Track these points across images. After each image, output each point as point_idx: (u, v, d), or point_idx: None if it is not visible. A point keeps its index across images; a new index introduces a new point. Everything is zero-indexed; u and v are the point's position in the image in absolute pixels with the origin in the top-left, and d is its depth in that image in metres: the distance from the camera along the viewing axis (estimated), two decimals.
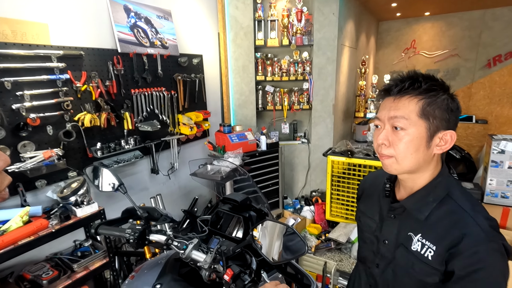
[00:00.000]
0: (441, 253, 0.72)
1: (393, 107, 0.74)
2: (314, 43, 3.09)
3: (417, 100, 0.72)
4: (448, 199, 0.76)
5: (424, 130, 0.72)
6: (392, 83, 0.76)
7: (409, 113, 0.72)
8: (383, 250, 0.85)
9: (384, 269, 0.85)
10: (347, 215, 3.00)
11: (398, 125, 0.73)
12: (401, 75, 0.77)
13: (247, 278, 0.73)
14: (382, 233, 0.85)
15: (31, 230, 1.49)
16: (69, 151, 1.83)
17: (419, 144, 0.73)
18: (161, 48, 2.34)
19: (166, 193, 2.61)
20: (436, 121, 0.72)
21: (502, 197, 2.22)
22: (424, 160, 0.75)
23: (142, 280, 0.92)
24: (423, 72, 0.76)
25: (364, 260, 0.93)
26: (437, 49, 4.90)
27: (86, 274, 1.69)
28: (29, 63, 1.59)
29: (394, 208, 0.83)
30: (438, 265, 0.72)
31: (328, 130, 3.30)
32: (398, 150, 0.74)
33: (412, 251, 0.77)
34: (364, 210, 0.95)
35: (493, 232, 0.70)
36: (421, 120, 0.72)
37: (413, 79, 0.73)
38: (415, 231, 0.78)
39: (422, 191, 0.78)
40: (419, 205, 0.77)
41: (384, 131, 0.76)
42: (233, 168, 1.96)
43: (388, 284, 0.84)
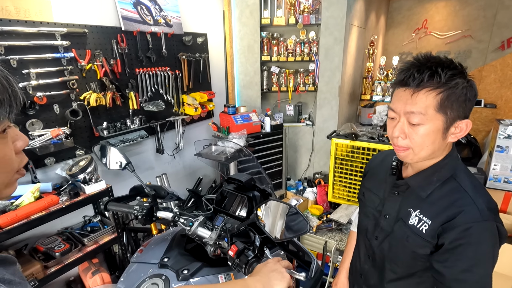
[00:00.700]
0: (435, 227, 0.75)
1: (410, 101, 0.71)
2: (322, 22, 3.00)
3: (435, 94, 0.69)
4: (452, 180, 0.77)
5: (441, 124, 0.71)
6: (408, 74, 0.72)
7: (427, 108, 0.70)
8: (383, 224, 0.88)
9: (382, 241, 0.89)
10: (349, 197, 3.05)
11: (414, 121, 0.71)
12: (417, 63, 0.72)
13: (251, 254, 0.77)
14: (384, 208, 0.89)
15: (42, 206, 1.55)
16: (76, 130, 1.86)
17: (435, 136, 0.72)
18: (165, 26, 2.29)
19: (171, 173, 2.66)
20: (453, 113, 0.70)
21: (505, 182, 2.23)
22: (439, 148, 0.76)
23: (151, 253, 0.97)
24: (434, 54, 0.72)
25: (365, 232, 0.97)
26: (449, 30, 4.72)
27: (96, 247, 1.77)
28: (33, 41, 1.58)
29: (399, 185, 0.85)
30: (430, 238, 0.75)
31: (333, 112, 3.27)
32: (415, 143, 0.73)
33: (409, 225, 0.80)
34: (370, 187, 0.97)
35: (489, 213, 0.71)
36: (438, 114, 0.70)
37: (432, 70, 0.69)
38: (414, 207, 0.80)
39: (428, 171, 0.79)
40: (423, 184, 0.79)
41: (399, 124, 0.74)
42: (237, 148, 1.97)
43: (384, 254, 0.88)
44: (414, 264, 0.81)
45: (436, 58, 0.72)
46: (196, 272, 0.85)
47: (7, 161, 0.44)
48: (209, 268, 0.88)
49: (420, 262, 0.80)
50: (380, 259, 0.90)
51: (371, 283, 0.96)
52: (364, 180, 1.04)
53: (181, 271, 0.85)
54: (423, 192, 0.79)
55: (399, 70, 0.76)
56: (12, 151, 0.45)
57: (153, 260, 0.93)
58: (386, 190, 0.90)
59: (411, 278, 0.84)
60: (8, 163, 0.45)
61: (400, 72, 0.75)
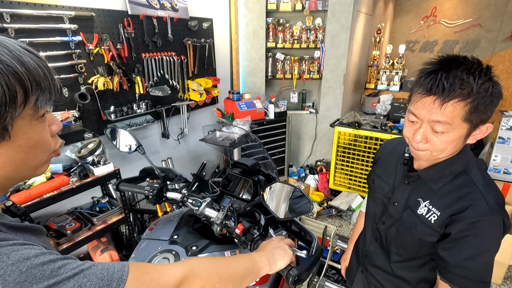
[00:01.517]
0: (443, 218, 0.78)
1: (436, 110, 0.68)
2: (329, 8, 2.96)
3: (464, 105, 0.66)
4: (464, 174, 0.78)
5: (466, 131, 0.70)
6: (436, 82, 0.66)
7: (454, 118, 0.67)
8: (392, 211, 0.92)
9: (389, 226, 0.93)
10: (350, 185, 3.10)
11: (439, 130, 0.69)
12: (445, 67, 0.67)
13: (256, 232, 0.82)
14: (393, 196, 0.92)
15: (54, 186, 1.61)
16: (84, 113, 1.90)
17: (457, 142, 0.72)
18: (171, 11, 2.29)
19: (176, 157, 2.71)
20: (478, 119, 0.69)
21: (504, 173, 2.26)
22: (458, 149, 0.77)
23: (160, 231, 1.03)
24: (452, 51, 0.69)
25: (373, 217, 1.01)
26: (459, 18, 4.62)
27: (104, 227, 1.84)
28: (42, 24, 1.59)
29: (410, 176, 0.87)
30: (438, 228, 0.79)
31: (337, 101, 3.28)
32: (436, 147, 0.73)
33: (418, 214, 0.83)
34: (380, 174, 1.00)
35: (498, 207, 0.73)
36: (463, 123, 0.69)
37: (463, 79, 0.65)
38: (424, 197, 0.83)
39: (441, 165, 0.80)
40: (436, 177, 0.81)
41: (422, 131, 0.72)
42: (243, 134, 2.01)
43: (391, 239, 0.92)
44: (420, 249, 0.86)
45: (466, 62, 0.67)
46: (204, 249, 0.91)
47: (45, 142, 0.49)
48: (215, 245, 0.93)
49: (426, 248, 0.84)
50: (386, 242, 0.95)
51: (377, 263, 1.01)
52: (375, 167, 1.06)
53: (190, 247, 0.91)
54: (435, 185, 0.81)
55: (423, 72, 0.71)
56: (49, 134, 0.50)
57: (163, 237, 0.98)
58: (396, 179, 0.92)
59: (415, 261, 0.89)
60: (46, 144, 0.50)
61: (426, 76, 0.69)
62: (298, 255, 0.76)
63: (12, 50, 0.42)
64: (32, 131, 0.46)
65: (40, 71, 0.45)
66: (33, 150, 0.47)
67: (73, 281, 0.40)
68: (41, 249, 0.42)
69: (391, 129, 2.74)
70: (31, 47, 0.47)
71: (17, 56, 0.42)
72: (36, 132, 0.47)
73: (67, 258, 0.43)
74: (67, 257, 0.43)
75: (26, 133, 0.45)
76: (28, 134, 0.46)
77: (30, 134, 0.46)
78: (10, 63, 0.41)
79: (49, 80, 0.47)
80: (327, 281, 1.84)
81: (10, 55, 0.42)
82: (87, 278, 0.41)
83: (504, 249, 1.96)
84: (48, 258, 0.41)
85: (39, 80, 0.45)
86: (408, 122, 0.77)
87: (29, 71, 0.43)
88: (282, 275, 0.73)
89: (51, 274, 0.39)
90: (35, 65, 0.44)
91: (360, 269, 1.12)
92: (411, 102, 0.75)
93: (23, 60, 0.43)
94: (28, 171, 0.50)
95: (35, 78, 0.44)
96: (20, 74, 0.42)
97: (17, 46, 0.44)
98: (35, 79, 0.44)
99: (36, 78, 0.44)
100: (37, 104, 0.45)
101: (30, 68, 0.43)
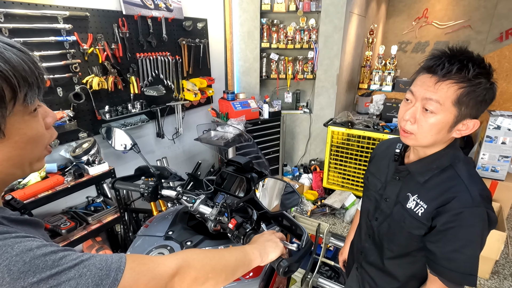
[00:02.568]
0: (430, 211, 0.81)
1: (432, 88, 0.72)
2: (322, 9, 3.00)
3: (457, 88, 0.70)
4: (450, 168, 0.81)
5: (452, 117, 0.73)
6: (439, 62, 0.72)
7: (445, 99, 0.71)
8: (383, 206, 0.95)
9: (381, 222, 0.96)
10: (343, 183, 3.15)
11: (429, 108, 0.73)
12: (450, 53, 0.73)
13: (249, 227, 0.84)
14: (385, 191, 0.95)
15: (49, 185, 1.61)
16: (79, 113, 1.90)
17: (442, 128, 0.75)
18: (165, 11, 2.30)
19: (170, 157, 2.72)
20: (466, 110, 0.72)
21: (492, 171, 2.32)
22: (441, 140, 0.79)
23: (156, 228, 1.05)
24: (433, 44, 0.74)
25: (366, 214, 1.05)
26: (449, 20, 4.71)
27: (99, 226, 1.85)
28: (36, 24, 1.60)
29: (400, 170, 0.91)
30: (425, 221, 0.82)
31: (331, 100, 3.32)
32: (421, 129, 0.76)
33: (406, 208, 0.87)
34: (374, 172, 1.04)
35: (481, 199, 0.75)
36: (453, 108, 0.72)
37: (463, 63, 0.70)
38: (413, 192, 0.86)
39: (429, 158, 0.83)
40: (423, 170, 0.84)
41: (413, 109, 0.76)
42: (237, 133, 2.04)
43: (383, 234, 0.96)
44: (410, 244, 0.88)
45: (470, 53, 0.72)
46: (199, 244, 0.93)
47: (40, 137, 0.50)
48: (210, 240, 0.96)
49: (415, 242, 0.87)
50: (379, 238, 0.98)
51: (371, 260, 1.04)
52: (370, 165, 1.10)
53: (185, 243, 0.93)
54: (422, 177, 0.84)
55: (430, 55, 0.76)
56: (43, 127, 0.51)
57: (158, 234, 1.00)
58: (388, 175, 0.96)
59: (406, 258, 0.92)
60: (41, 139, 0.50)
61: (431, 59, 0.75)
62: (289, 248, 0.79)
63: None
64: (26, 127, 0.46)
65: (25, 65, 0.44)
66: (28, 145, 0.48)
67: (74, 270, 0.42)
68: (42, 241, 0.44)
69: (383, 129, 2.79)
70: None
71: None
72: (30, 127, 0.47)
73: (67, 250, 0.45)
74: (67, 249, 0.45)
75: (20, 129, 0.45)
76: (23, 130, 0.46)
77: (25, 130, 0.46)
78: None
79: (35, 74, 0.46)
80: (320, 278, 1.87)
81: None
82: (87, 268, 0.43)
83: (491, 244, 2.02)
84: (49, 249, 0.42)
85: (25, 76, 0.44)
86: (404, 102, 0.81)
87: (13, 68, 0.42)
88: (273, 266, 0.76)
89: (53, 264, 0.41)
90: (19, 60, 0.43)
91: (355, 265, 1.15)
92: (413, 82, 0.79)
93: (6, 56, 0.41)
94: (26, 166, 0.50)
95: (21, 74, 0.43)
96: (5, 72, 0.41)
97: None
98: (21, 75, 0.43)
99: (22, 74, 0.43)
100: (27, 100, 0.45)
101: (15, 65, 0.42)
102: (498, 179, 2.32)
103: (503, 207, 2.36)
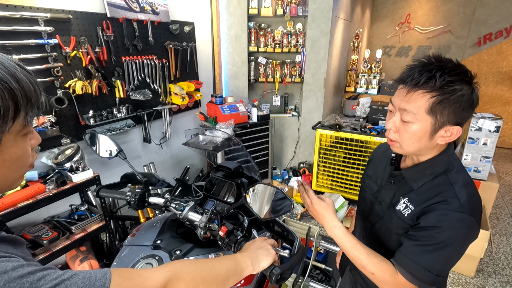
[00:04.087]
0: (416, 212, 0.81)
1: (405, 99, 0.75)
2: (309, 14, 3.04)
3: (429, 97, 0.72)
4: (443, 175, 0.81)
5: (429, 125, 0.75)
6: (409, 73, 0.75)
7: (418, 108, 0.73)
8: (377, 209, 0.96)
9: (374, 224, 0.97)
10: (332, 186, 3.17)
11: (405, 119, 0.76)
12: (424, 63, 0.74)
13: (239, 234, 0.83)
14: (380, 195, 0.96)
15: (29, 194, 1.54)
16: (61, 118, 1.84)
17: (422, 136, 0.76)
18: (151, 14, 2.27)
19: (158, 162, 2.67)
20: (443, 117, 0.73)
21: (474, 171, 2.39)
22: (426, 147, 0.80)
23: (143, 237, 1.01)
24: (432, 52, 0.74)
25: (361, 216, 1.06)
26: (431, 25, 4.88)
27: (84, 235, 1.78)
28: (15, 26, 1.54)
29: (395, 175, 0.92)
30: (410, 221, 0.82)
31: (319, 104, 3.36)
32: (402, 138, 0.79)
33: (396, 210, 0.87)
34: (370, 174, 1.04)
35: (469, 207, 0.74)
36: (428, 116, 0.73)
37: (431, 72, 0.71)
38: (404, 195, 0.87)
39: (423, 165, 0.83)
40: (417, 176, 0.84)
41: (394, 118, 0.79)
42: (226, 137, 2.02)
43: (374, 236, 0.96)
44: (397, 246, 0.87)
45: (444, 61, 0.73)
46: (188, 252, 0.91)
47: (27, 157, 0.50)
48: (199, 249, 0.93)
49: None
50: (371, 240, 0.98)
51: None
52: (367, 168, 1.10)
53: (174, 252, 0.90)
54: (415, 183, 0.84)
55: (406, 66, 0.78)
56: (30, 148, 0.50)
57: (146, 243, 0.97)
58: (384, 179, 0.96)
59: None
60: (27, 159, 0.50)
61: (406, 70, 0.77)
62: (281, 254, 0.78)
63: (8, 66, 0.43)
64: (16, 146, 0.47)
65: (32, 87, 0.46)
66: (14, 165, 0.48)
67: None
68: (19, 261, 0.41)
69: (370, 131, 2.83)
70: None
71: (12, 73, 0.43)
72: (20, 147, 0.48)
73: (47, 269, 0.42)
74: (46, 268, 0.42)
75: (11, 148, 0.46)
76: (13, 149, 0.46)
77: (15, 149, 0.47)
78: (6, 79, 0.42)
79: (38, 96, 0.48)
80: (311, 281, 1.86)
81: (6, 72, 0.42)
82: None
83: (476, 243, 2.06)
84: (26, 270, 0.40)
85: (30, 96, 0.45)
86: (388, 113, 0.84)
87: (22, 88, 0.44)
88: (266, 274, 0.74)
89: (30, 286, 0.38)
90: (27, 82, 0.45)
91: (349, 267, 1.15)
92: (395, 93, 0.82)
93: (18, 77, 0.44)
94: (7, 184, 0.50)
95: (27, 94, 0.45)
96: (15, 90, 0.43)
97: (11, 62, 0.44)
98: (26, 95, 0.45)
99: (28, 94, 0.45)
100: (26, 119, 0.46)
101: (23, 85, 0.44)
102: (480, 179, 2.40)
103: (486, 206, 2.43)
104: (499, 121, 2.20)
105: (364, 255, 0.82)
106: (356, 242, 0.85)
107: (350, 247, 0.85)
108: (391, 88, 3.55)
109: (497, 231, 2.83)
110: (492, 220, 2.99)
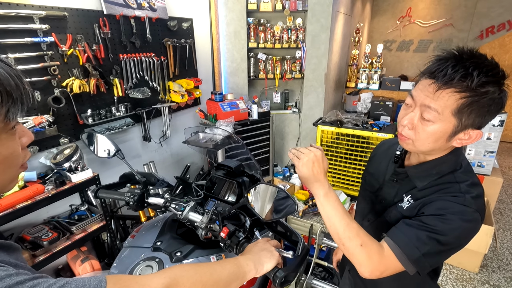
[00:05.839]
0: (417, 205, 0.78)
1: (431, 95, 0.67)
2: (309, 8, 2.99)
3: (459, 97, 0.64)
4: (450, 174, 0.77)
5: (451, 127, 0.68)
6: (442, 67, 0.66)
7: (444, 108, 0.66)
8: (378, 208, 0.93)
9: (372, 222, 0.94)
10: (333, 182, 3.15)
11: (427, 117, 0.69)
12: (457, 57, 0.66)
13: (241, 235, 0.81)
14: (381, 193, 0.92)
15: (28, 195, 1.52)
16: (59, 117, 1.81)
17: (440, 137, 0.70)
18: (149, 10, 2.23)
19: (158, 160, 2.65)
20: (468, 120, 0.67)
21: (478, 166, 2.37)
22: (440, 148, 0.75)
23: (143, 238, 0.99)
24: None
25: (361, 214, 1.03)
26: (432, 18, 4.82)
27: (84, 235, 1.77)
28: (10, 24, 1.51)
29: (398, 173, 0.87)
30: (407, 212, 0.79)
31: (319, 100, 3.32)
32: (418, 136, 0.72)
33: (397, 206, 0.84)
34: (372, 172, 1.00)
35: (476, 203, 0.71)
36: (452, 118, 0.67)
37: (467, 70, 0.63)
38: (407, 192, 0.84)
39: (429, 164, 0.79)
40: (422, 175, 0.80)
41: (411, 114, 0.72)
42: (226, 135, 1.99)
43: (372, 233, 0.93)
44: None
45: (480, 58, 0.65)
46: (189, 254, 0.89)
47: (16, 157, 0.46)
48: (201, 250, 0.91)
49: None
50: None
51: None
52: (368, 165, 1.06)
53: (174, 253, 0.88)
54: (420, 182, 0.80)
55: (435, 57, 0.70)
56: (19, 147, 0.47)
57: (146, 244, 0.95)
58: (386, 176, 0.93)
59: None
60: (16, 159, 0.46)
61: (435, 62, 0.69)
62: (284, 256, 0.75)
63: None
64: (1, 146, 0.43)
65: (12, 80, 0.42)
66: (2, 165, 0.44)
67: None
68: (7, 270, 0.39)
69: (372, 127, 2.81)
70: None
71: None
72: (6, 146, 0.44)
73: (37, 278, 0.39)
74: (36, 277, 0.40)
75: None
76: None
77: (0, 148, 0.43)
78: None
79: (21, 90, 0.43)
80: (314, 279, 1.85)
81: None
82: None
83: (480, 238, 2.05)
84: (14, 280, 0.37)
85: (10, 91, 0.41)
86: (404, 106, 0.77)
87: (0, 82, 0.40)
88: (269, 277, 0.72)
89: None
90: (6, 75, 0.41)
91: (347, 268, 1.13)
92: (415, 85, 0.74)
93: None
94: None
95: (6, 89, 0.41)
96: None
97: None
98: (5, 89, 0.41)
99: (7, 88, 0.41)
100: (8, 116, 0.42)
101: (1, 78, 0.40)
102: (484, 174, 2.37)
103: (490, 201, 2.41)
104: (503, 115, 2.16)
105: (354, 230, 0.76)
106: (344, 213, 0.77)
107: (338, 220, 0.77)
108: (392, 83, 3.51)
109: (501, 226, 2.81)
110: (496, 215, 2.97)
